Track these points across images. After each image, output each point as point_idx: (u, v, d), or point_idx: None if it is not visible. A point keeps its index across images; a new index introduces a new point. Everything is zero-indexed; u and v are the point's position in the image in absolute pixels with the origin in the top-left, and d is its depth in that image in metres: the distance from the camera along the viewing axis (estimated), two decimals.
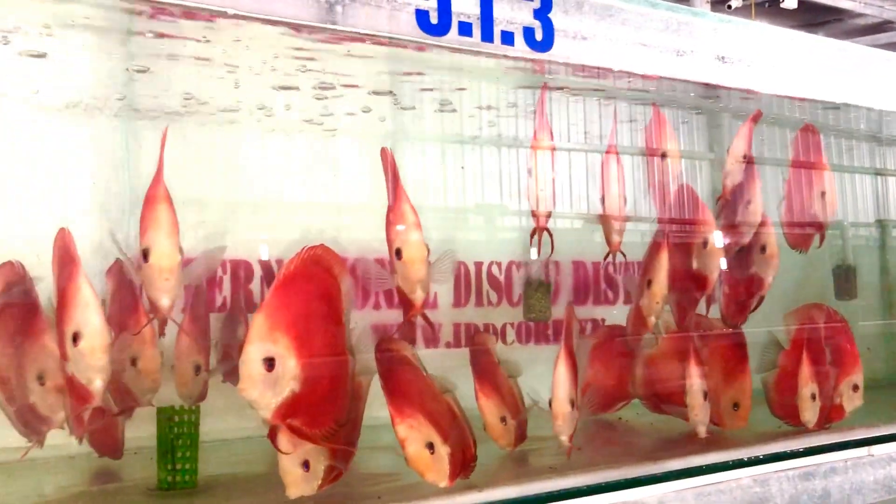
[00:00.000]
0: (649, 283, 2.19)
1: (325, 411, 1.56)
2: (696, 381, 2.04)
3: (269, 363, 1.42)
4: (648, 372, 2.39)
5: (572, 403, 1.84)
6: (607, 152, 2.34)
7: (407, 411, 1.59)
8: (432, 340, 2.72)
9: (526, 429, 2.05)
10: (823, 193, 2.53)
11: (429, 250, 1.80)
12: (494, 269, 2.83)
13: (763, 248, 2.32)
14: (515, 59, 1.80)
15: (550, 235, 2.26)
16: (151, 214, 1.60)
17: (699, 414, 2.03)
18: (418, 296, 1.79)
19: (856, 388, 2.37)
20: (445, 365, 1.94)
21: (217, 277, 2.35)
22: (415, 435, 1.57)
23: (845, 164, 3.30)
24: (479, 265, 2.80)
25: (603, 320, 2.87)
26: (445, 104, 2.41)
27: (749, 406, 2.28)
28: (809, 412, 2.21)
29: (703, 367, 2.07)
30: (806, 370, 2.21)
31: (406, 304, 1.82)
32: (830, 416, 2.32)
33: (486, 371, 2.01)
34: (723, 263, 2.34)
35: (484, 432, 1.92)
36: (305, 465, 1.52)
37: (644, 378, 2.42)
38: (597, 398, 2.46)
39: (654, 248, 2.25)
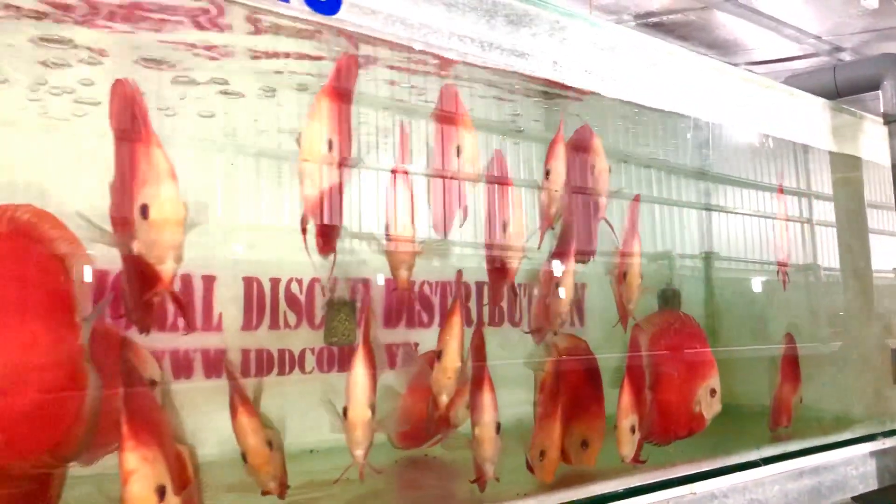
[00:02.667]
0: (439, 354, 1.81)
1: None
2: (486, 412, 1.74)
3: None
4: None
5: (372, 409, 1.52)
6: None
7: (143, 438, 1.20)
8: (214, 369, 2.35)
9: None
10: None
11: (186, 210, 1.33)
12: (294, 287, 2.47)
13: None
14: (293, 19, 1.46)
15: None
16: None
17: (487, 451, 1.73)
18: (168, 267, 1.30)
19: (713, 392, 2.18)
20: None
21: None
22: (145, 472, 1.18)
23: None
24: (275, 282, 2.44)
25: (416, 345, 2.58)
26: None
27: (598, 443, 2.02)
28: (628, 446, 1.98)
29: (493, 394, 1.77)
30: (626, 398, 1.99)
31: (149, 278, 1.32)
32: (691, 426, 2.15)
33: None
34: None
35: None
36: None
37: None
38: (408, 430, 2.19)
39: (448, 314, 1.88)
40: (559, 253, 1.96)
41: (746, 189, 3.32)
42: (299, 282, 2.47)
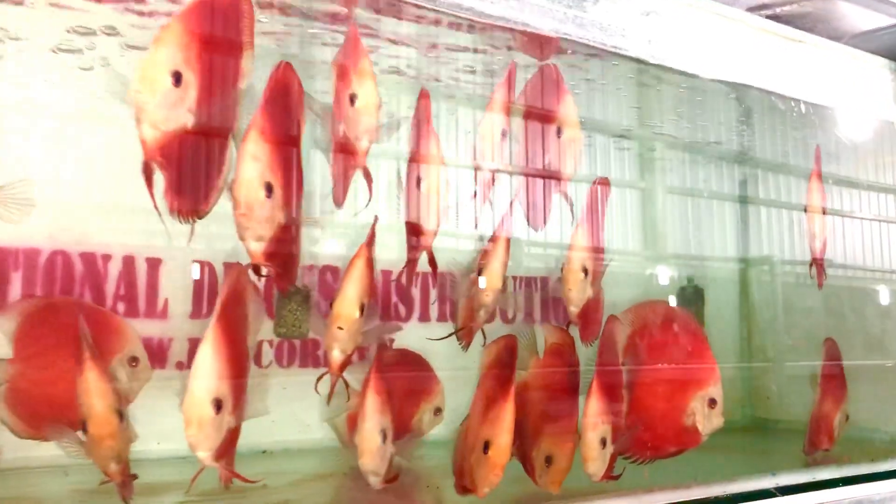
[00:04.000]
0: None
1: None
2: (370, 417, 1.43)
3: None
4: None
5: (218, 406, 1.25)
6: None
7: None
8: (159, 360, 2.15)
9: None
10: None
11: None
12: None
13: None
14: None
15: None
16: None
17: (372, 459, 1.43)
18: None
19: (713, 403, 1.79)
20: None
21: None
22: None
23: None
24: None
25: (391, 340, 2.29)
26: None
27: (566, 464, 1.65)
28: (597, 463, 1.63)
29: (381, 396, 1.47)
30: (595, 406, 1.64)
31: None
32: (681, 441, 1.79)
33: None
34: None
35: None
36: None
37: None
38: None
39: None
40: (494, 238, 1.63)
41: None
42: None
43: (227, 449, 1.28)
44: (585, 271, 1.71)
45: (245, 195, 1.23)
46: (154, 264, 2.14)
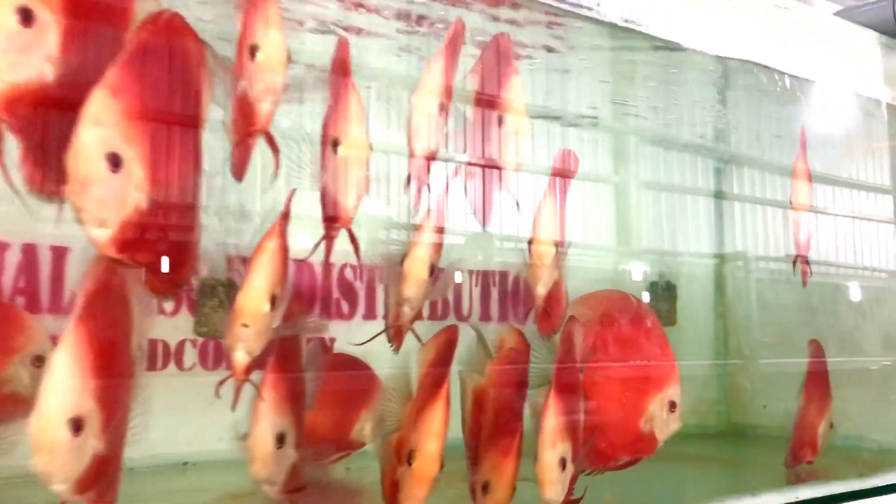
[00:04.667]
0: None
1: None
2: (263, 418, 1.20)
3: None
4: None
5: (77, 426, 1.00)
6: None
7: None
8: None
9: None
10: None
11: None
12: None
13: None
14: None
15: None
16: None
17: (265, 466, 1.20)
18: None
19: (673, 406, 1.58)
20: None
21: None
22: None
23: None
24: None
25: (332, 340, 2.06)
26: None
27: (507, 491, 1.39)
28: (556, 487, 1.41)
29: (280, 395, 1.23)
30: (552, 420, 1.42)
31: None
32: (638, 448, 1.57)
33: None
34: None
35: None
36: None
37: None
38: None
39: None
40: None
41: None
42: None
43: (94, 478, 1.04)
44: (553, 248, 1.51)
45: (78, 168, 0.96)
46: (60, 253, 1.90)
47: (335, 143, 1.24)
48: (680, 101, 2.27)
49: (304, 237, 1.31)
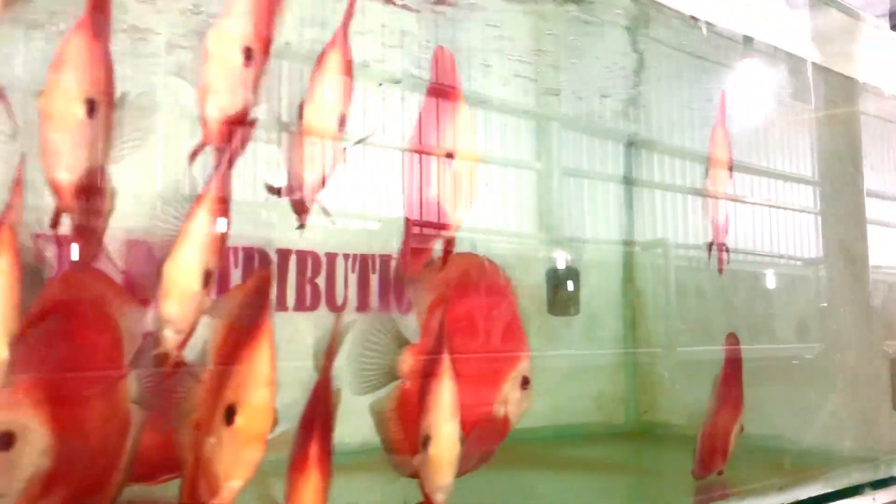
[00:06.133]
0: None
1: None
2: None
3: None
4: None
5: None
6: None
7: None
8: None
9: None
10: None
11: None
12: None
13: None
14: None
15: None
16: None
17: None
18: None
19: (525, 382, 1.36)
20: None
21: None
22: None
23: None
24: None
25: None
26: None
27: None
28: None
29: None
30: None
31: None
32: (497, 435, 1.34)
33: None
34: None
35: None
36: None
37: None
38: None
39: None
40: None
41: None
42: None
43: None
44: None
45: None
46: None
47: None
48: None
49: None
